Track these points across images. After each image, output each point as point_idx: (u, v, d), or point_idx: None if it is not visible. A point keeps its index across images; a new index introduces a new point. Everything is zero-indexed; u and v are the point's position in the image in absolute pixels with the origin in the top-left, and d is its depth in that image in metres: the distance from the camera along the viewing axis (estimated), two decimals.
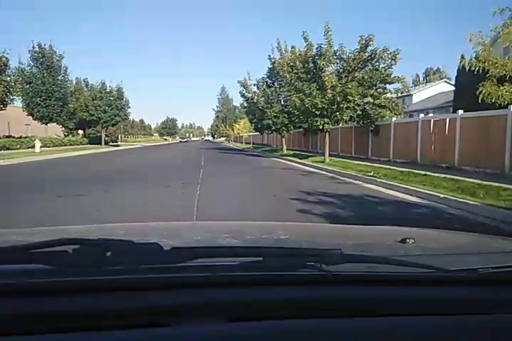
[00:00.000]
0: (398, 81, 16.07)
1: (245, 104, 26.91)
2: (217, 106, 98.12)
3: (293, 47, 22.24)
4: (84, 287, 0.71)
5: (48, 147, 25.89)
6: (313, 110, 15.34)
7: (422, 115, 13.88)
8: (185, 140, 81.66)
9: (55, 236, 1.05)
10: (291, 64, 16.64)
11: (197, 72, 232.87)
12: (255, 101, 25.18)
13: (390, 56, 15.20)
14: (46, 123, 28.79)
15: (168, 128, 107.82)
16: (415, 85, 45.38)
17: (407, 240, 1.07)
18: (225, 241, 1.25)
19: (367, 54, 15.24)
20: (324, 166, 13.47)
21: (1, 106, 18.98)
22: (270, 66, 24.58)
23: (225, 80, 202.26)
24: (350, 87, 14.66)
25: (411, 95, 32.28)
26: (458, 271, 0.82)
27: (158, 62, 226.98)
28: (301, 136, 27.15)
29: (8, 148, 21.30)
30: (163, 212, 4.97)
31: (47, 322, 0.67)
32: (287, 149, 24.92)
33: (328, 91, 15.00)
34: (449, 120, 12.12)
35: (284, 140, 25.45)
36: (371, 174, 10.75)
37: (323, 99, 15.03)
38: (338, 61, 15.92)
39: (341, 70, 15.62)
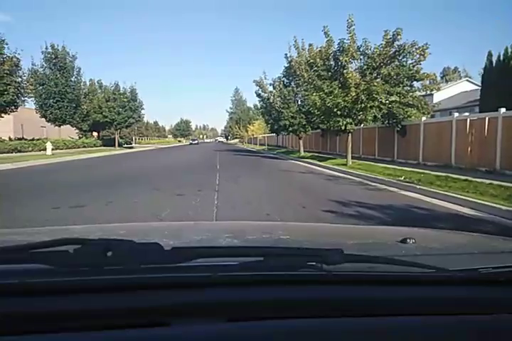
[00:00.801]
0: (427, 78, 15.01)
1: (261, 105, 26.05)
2: (230, 108, 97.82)
3: (310, 44, 21.31)
4: (84, 287, 0.71)
5: (61, 149, 25.50)
6: (335, 110, 14.38)
7: (456, 114, 12.76)
8: (195, 142, 69.26)
9: (55, 236, 1.08)
10: (311, 61, 15.68)
11: (210, 73, 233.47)
12: (271, 101, 24.34)
13: (418, 51, 14.16)
14: (59, 125, 28.47)
15: (182, 129, 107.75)
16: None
17: (408, 240, 1.05)
18: (226, 241, 1.24)
19: (393, 49, 14.25)
20: (348, 170, 12.50)
21: (13, 107, 18.56)
22: (287, 65, 23.75)
23: (239, 81, 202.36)
24: (375, 84, 13.66)
25: (431, 94, 30.91)
26: (458, 271, 0.81)
27: (170, 64, 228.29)
28: (319, 137, 26.18)
29: (19, 151, 20.93)
30: None
31: (47, 321, 0.67)
32: (304, 151, 23.98)
33: (352, 89, 14.03)
34: (489, 119, 11.00)
35: (301, 141, 24.51)
36: (402, 178, 9.78)
37: (346, 98, 14.07)
38: (361, 57, 14.95)
39: (365, 67, 14.62)
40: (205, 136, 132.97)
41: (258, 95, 25.12)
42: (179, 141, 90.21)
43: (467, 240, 1.43)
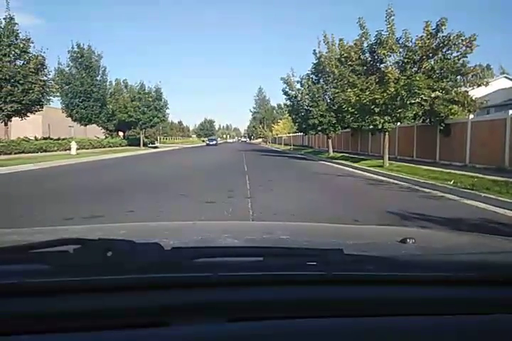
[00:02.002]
0: (473, 72, 13.72)
1: (288, 103, 25.11)
2: (254, 108, 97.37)
3: (341, 39, 20.32)
4: (84, 287, 0.70)
5: (87, 149, 25.38)
6: (372, 107, 13.32)
7: (511, 111, 11.48)
8: (213, 142, 54.14)
9: (55, 236, 1.09)
10: (345, 55, 14.63)
11: (233, 73, 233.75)
12: (299, 99, 23.41)
13: (465, 42, 12.92)
14: (85, 125, 28.43)
15: (206, 129, 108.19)
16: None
17: (408, 240, 1.03)
18: (225, 241, 1.22)
19: (437, 40, 13.06)
20: (388, 172, 11.43)
21: (38, 106, 18.37)
22: (315, 61, 22.77)
23: (262, 81, 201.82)
24: (417, 79, 12.51)
25: (466, 92, 29.30)
26: (458, 271, 0.81)
27: (194, 63, 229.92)
28: (349, 136, 25.06)
29: (45, 150, 20.81)
30: None
31: (47, 322, 0.67)
32: (333, 151, 22.93)
33: (391, 84, 12.93)
34: None
35: (330, 141, 23.46)
36: (452, 183, 8.70)
37: (385, 94, 12.98)
38: (401, 50, 13.82)
39: (405, 60, 13.48)
40: (228, 136, 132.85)
41: (285, 93, 24.20)
42: (203, 141, 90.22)
43: (467, 240, 1.43)
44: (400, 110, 13.61)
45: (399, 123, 16.32)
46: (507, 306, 0.76)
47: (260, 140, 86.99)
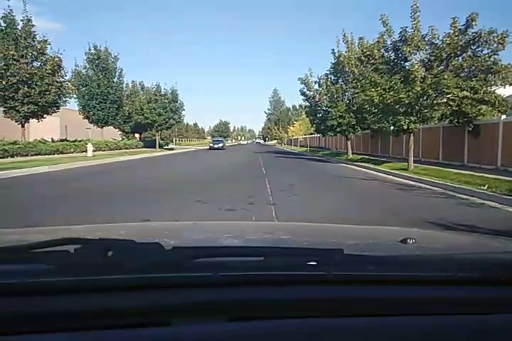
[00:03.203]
0: (504, 70, 12.95)
1: (306, 104, 24.58)
2: (268, 109, 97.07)
3: (361, 38, 19.75)
4: (85, 287, 0.70)
5: (103, 151, 25.32)
6: (397, 107, 12.71)
7: None
8: (219, 145, 39.52)
9: (56, 235, 1.09)
10: (367, 53, 14.05)
11: (248, 74, 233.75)
12: (317, 99, 22.86)
13: (496, 39, 12.20)
14: (102, 127, 28.47)
15: (221, 131, 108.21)
16: None
17: (408, 240, 1.03)
18: (226, 241, 1.22)
19: (466, 37, 12.37)
20: (415, 176, 10.80)
21: (54, 108, 18.31)
22: (334, 61, 22.19)
23: (277, 82, 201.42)
24: (446, 77, 11.85)
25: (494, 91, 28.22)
26: (458, 270, 0.80)
27: (209, 65, 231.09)
28: (368, 138, 24.35)
29: (61, 152, 20.77)
30: None
31: (47, 321, 0.67)
32: (352, 153, 22.28)
33: (417, 83, 12.30)
34: None
35: (349, 143, 22.82)
36: (485, 188, 8.07)
37: (410, 94, 12.35)
38: (427, 47, 13.16)
39: (432, 58, 12.82)
40: (243, 137, 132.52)
41: (303, 94, 23.69)
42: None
43: (467, 240, 1.42)
44: (426, 110, 12.98)
45: (422, 125, 15.64)
46: (507, 306, 0.76)
47: (275, 141, 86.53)
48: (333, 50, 21.82)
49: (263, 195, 6.90)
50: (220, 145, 39.31)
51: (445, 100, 12.69)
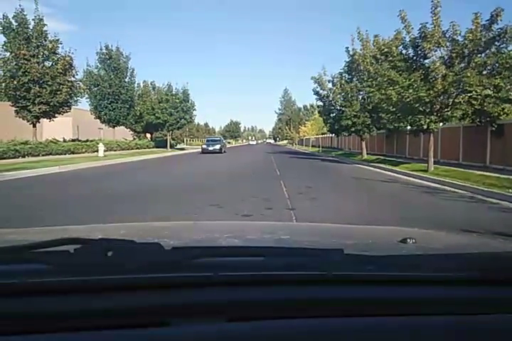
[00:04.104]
0: None
1: (319, 103, 24.12)
2: (279, 109, 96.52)
3: (376, 36, 19.29)
4: (85, 287, 0.70)
5: (115, 151, 25.26)
6: (416, 106, 12.21)
7: None
8: (215, 147, 28.10)
9: (56, 235, 1.07)
10: (385, 50, 13.57)
11: (258, 74, 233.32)
12: (331, 99, 22.38)
13: None
14: (113, 127, 28.44)
15: (232, 131, 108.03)
16: None
17: (408, 240, 1.04)
18: (226, 241, 1.22)
19: (491, 33, 11.82)
20: (436, 177, 10.30)
21: (66, 108, 18.20)
22: (348, 59, 21.72)
23: (288, 82, 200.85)
24: (468, 75, 11.33)
25: None
26: (458, 271, 0.80)
27: (219, 65, 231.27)
28: (383, 138, 23.79)
29: (73, 152, 20.70)
30: None
31: (47, 321, 0.67)
32: (366, 153, 21.76)
33: (438, 81, 11.80)
34: None
35: (363, 143, 22.30)
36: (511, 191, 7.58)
37: (431, 92, 11.85)
38: (448, 44, 12.64)
39: (454, 55, 12.29)
40: (254, 137, 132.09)
41: (316, 93, 23.22)
42: (229, 143, 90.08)
43: (467, 240, 1.42)
44: (446, 109, 12.47)
45: (441, 124, 15.10)
46: (507, 306, 0.75)
47: (286, 141, 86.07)
48: (347, 48, 21.38)
49: (280, 199, 6.52)
50: (217, 147, 27.92)
51: (467, 99, 12.17)
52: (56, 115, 17.85)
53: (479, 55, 12.20)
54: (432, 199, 7.25)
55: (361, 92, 21.14)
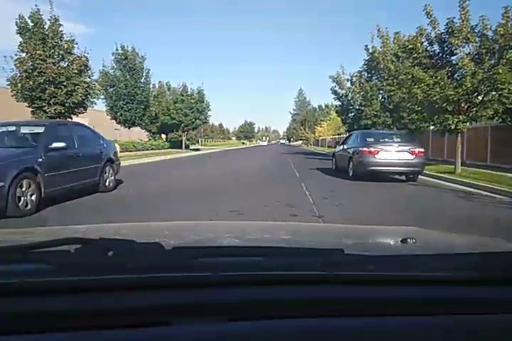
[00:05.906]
0: None
1: (337, 103, 23.56)
2: (294, 109, 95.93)
3: (397, 33, 18.63)
4: (85, 286, 0.70)
5: (130, 151, 25.15)
6: (444, 105, 11.60)
7: None
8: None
9: (56, 235, 1.11)
10: (410, 46, 12.97)
11: (273, 75, 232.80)
12: (350, 98, 21.82)
13: None
14: (129, 127, 28.37)
15: (246, 131, 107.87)
16: None
17: (408, 240, 1.04)
18: (226, 241, 1.23)
19: None
20: (467, 180, 9.69)
21: (81, 109, 18.09)
22: (367, 57, 21.12)
23: (302, 82, 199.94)
24: (500, 71, 10.68)
25: None
26: (458, 270, 0.80)
27: (233, 65, 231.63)
28: None
29: None
30: None
31: (47, 321, 0.67)
32: None
33: (467, 78, 11.17)
34: None
35: None
36: None
37: (459, 90, 11.23)
38: (477, 39, 12.00)
39: (483, 51, 11.64)
40: (266, 138, 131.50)
41: (334, 92, 22.73)
42: (243, 143, 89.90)
43: (467, 240, 1.42)
44: (474, 109, 11.83)
45: (467, 124, 14.41)
46: (507, 306, 0.75)
47: (300, 142, 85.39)
48: (366, 46, 20.80)
49: (304, 204, 6.06)
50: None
51: (497, 97, 11.52)
52: (72, 116, 17.72)
53: (511, 51, 11.55)
54: (469, 205, 6.64)
55: (381, 91, 20.54)
